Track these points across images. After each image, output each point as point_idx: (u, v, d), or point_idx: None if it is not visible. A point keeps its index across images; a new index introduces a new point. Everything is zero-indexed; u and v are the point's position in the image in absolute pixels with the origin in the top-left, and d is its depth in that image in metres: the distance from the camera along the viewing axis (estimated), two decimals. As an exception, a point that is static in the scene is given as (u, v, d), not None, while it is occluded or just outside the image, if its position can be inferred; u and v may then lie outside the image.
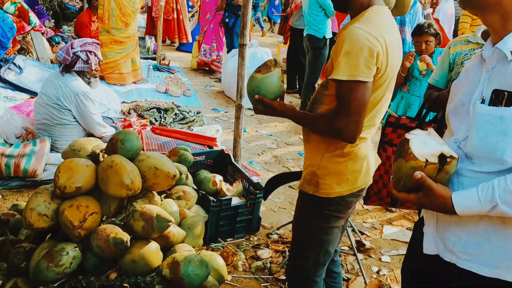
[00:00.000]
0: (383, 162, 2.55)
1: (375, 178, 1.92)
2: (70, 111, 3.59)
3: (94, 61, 3.65)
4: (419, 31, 3.42)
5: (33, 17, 5.36)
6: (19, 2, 5.16)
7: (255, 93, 1.72)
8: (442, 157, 1.19)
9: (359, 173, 1.74)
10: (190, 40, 9.24)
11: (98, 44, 3.78)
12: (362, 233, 3.26)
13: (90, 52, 3.63)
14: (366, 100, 1.56)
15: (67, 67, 3.60)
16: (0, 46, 4.99)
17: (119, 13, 6.02)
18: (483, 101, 1.22)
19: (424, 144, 1.22)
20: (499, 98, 1.18)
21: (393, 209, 3.62)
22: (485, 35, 2.47)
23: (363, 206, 3.62)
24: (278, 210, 3.53)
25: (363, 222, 3.46)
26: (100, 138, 3.62)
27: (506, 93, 1.17)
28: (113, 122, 4.36)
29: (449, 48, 2.59)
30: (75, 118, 3.63)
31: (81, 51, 3.59)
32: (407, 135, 1.26)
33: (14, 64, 5.24)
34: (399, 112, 3.49)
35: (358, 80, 1.51)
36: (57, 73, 3.67)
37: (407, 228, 3.39)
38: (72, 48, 3.58)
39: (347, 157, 1.70)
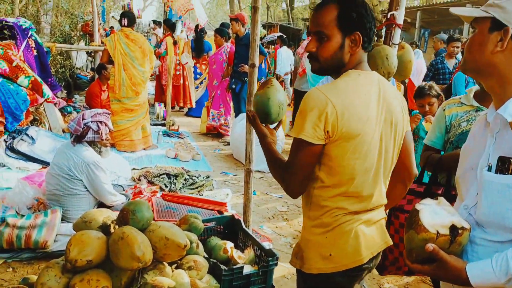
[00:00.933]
0: (397, 229, 2.52)
1: (390, 247, 1.87)
2: (81, 181, 3.63)
3: (104, 131, 3.74)
4: (422, 94, 3.49)
5: (46, 89, 5.55)
6: (33, 76, 5.35)
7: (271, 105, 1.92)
8: (453, 229, 1.18)
9: (344, 250, 1.61)
10: (194, 106, 9.58)
11: (108, 114, 3.89)
12: (379, 299, 3.16)
13: (100, 122, 3.72)
14: (309, 161, 1.56)
15: (78, 138, 3.68)
16: (14, 118, 5.13)
17: (129, 83, 6.23)
18: (490, 168, 1.22)
19: (434, 215, 1.21)
20: (505, 165, 1.18)
21: (410, 272, 3.52)
22: (477, 97, 2.51)
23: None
24: (292, 277, 3.45)
25: (379, 287, 3.36)
26: (110, 207, 3.64)
27: (511, 160, 1.17)
28: (124, 190, 4.39)
29: (444, 110, 2.60)
30: (86, 188, 3.67)
31: (92, 122, 3.68)
32: (417, 206, 1.25)
33: (27, 135, 5.37)
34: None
35: (302, 139, 1.53)
36: (68, 143, 3.75)
37: (425, 292, 3.28)
38: (83, 119, 3.68)
39: (326, 228, 1.62)
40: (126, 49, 6.18)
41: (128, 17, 6.29)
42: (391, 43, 2.72)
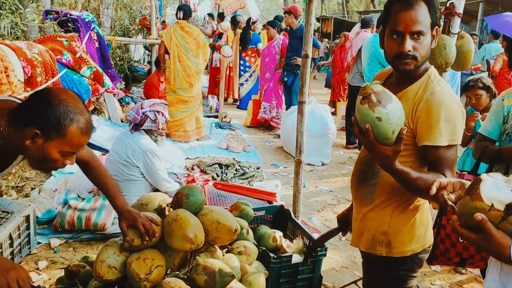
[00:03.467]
0: (449, 219, 2.46)
1: (441, 237, 1.88)
2: (138, 167, 3.77)
3: (161, 120, 3.85)
4: (467, 87, 3.55)
5: (106, 80, 5.77)
6: (95, 67, 5.58)
7: (398, 126, 1.44)
8: (510, 207, 1.14)
9: (426, 227, 1.78)
10: (236, 97, 9.77)
11: (166, 104, 4.00)
12: (430, 295, 3.09)
13: (158, 112, 3.84)
14: None
15: (136, 126, 3.82)
16: (77, 107, 5.39)
17: (183, 74, 6.41)
18: None
19: (496, 189, 1.17)
20: None
21: (463, 271, 3.42)
22: None
23: (430, 267, 3.44)
24: (340, 270, 3.44)
25: (431, 284, 3.28)
26: (165, 193, 3.76)
27: None
28: (178, 178, 4.52)
29: (503, 99, 2.50)
30: (142, 174, 3.81)
31: (149, 111, 3.80)
32: (483, 175, 1.21)
33: (88, 123, 5.64)
34: (465, 168, 3.39)
35: (455, 144, 1.60)
36: (127, 131, 3.90)
37: (479, 291, 3.18)
38: (142, 108, 3.82)
39: (416, 210, 1.75)
40: (181, 41, 6.36)
41: (184, 10, 6.49)
42: (449, 32, 2.64)
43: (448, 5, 2.70)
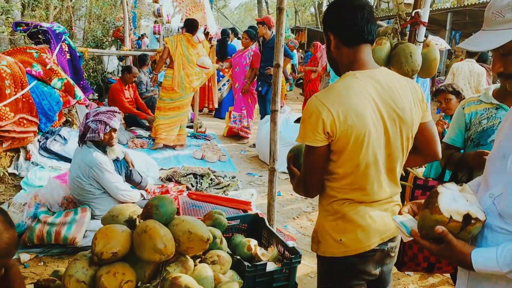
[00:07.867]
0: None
1: (409, 243, 1.90)
2: (92, 184, 3.69)
3: (102, 130, 3.66)
4: (437, 91, 3.74)
5: (78, 91, 5.69)
6: (66, 78, 5.50)
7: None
8: (467, 218, 1.19)
9: (353, 236, 1.72)
10: (216, 106, 9.87)
11: (114, 112, 3.81)
12: (404, 300, 3.12)
13: (100, 121, 3.66)
14: (316, 162, 1.68)
15: (81, 138, 3.70)
16: (47, 119, 5.29)
17: (187, 80, 6.65)
18: None
19: (452, 201, 1.23)
20: None
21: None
22: (496, 94, 2.48)
23: (404, 272, 3.48)
24: (315, 276, 3.44)
25: (405, 287, 3.32)
26: (133, 202, 3.68)
27: None
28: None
29: (463, 108, 2.59)
30: (100, 189, 3.73)
31: (92, 121, 3.66)
32: (439, 188, 1.26)
33: (60, 135, 5.55)
34: (432, 174, 3.46)
35: (306, 144, 1.66)
36: (79, 147, 3.77)
37: (451, 294, 3.23)
38: (87, 118, 3.71)
39: (335, 215, 1.75)
40: (185, 52, 6.64)
41: (187, 25, 6.77)
42: (415, 41, 2.71)
43: (413, 14, 2.76)
